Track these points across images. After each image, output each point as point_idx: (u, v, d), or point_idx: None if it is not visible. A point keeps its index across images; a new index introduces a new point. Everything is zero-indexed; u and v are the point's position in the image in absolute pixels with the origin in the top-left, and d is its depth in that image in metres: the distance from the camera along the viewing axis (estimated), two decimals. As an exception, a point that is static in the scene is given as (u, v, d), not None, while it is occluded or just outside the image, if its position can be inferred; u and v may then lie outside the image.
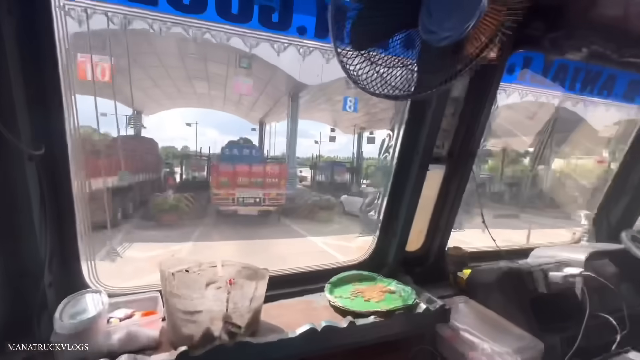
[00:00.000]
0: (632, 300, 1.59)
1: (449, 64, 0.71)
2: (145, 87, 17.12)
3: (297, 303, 1.32)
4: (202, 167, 19.88)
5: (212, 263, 1.20)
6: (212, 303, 0.91)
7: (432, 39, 0.69)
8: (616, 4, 1.30)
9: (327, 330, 1.07)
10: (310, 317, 1.21)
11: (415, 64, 0.78)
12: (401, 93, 0.78)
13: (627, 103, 1.89)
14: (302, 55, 1.07)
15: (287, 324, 1.14)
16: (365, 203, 1.97)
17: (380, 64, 0.75)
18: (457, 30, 0.66)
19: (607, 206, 2.09)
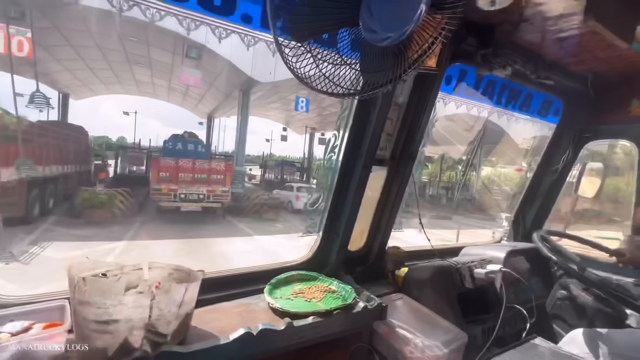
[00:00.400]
0: (539, 292, 1.82)
1: (391, 66, 0.73)
2: (75, 69, 15.23)
3: (235, 306, 1.26)
4: (141, 161, 18.39)
5: (136, 266, 1.09)
6: (131, 310, 0.81)
7: (373, 38, 0.70)
8: (534, 31, 1.46)
9: (264, 334, 1.03)
10: (248, 320, 1.16)
11: (358, 62, 0.78)
12: (342, 91, 0.78)
13: (541, 119, 2.16)
14: (246, 44, 1.01)
15: (222, 329, 1.08)
16: (310, 202, 1.96)
17: (321, 59, 0.74)
18: (397, 32, 0.67)
19: (523, 210, 2.36)
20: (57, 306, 0.98)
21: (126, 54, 13.32)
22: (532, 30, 1.45)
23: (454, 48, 1.45)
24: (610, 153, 3.56)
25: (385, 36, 0.68)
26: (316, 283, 1.46)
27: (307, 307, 1.24)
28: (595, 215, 11.88)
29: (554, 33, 1.46)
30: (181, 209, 11.54)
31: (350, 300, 1.29)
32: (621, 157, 2.23)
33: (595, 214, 11.95)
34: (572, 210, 2.53)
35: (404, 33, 0.67)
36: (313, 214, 1.60)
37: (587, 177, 2.09)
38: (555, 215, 2.50)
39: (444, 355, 1.22)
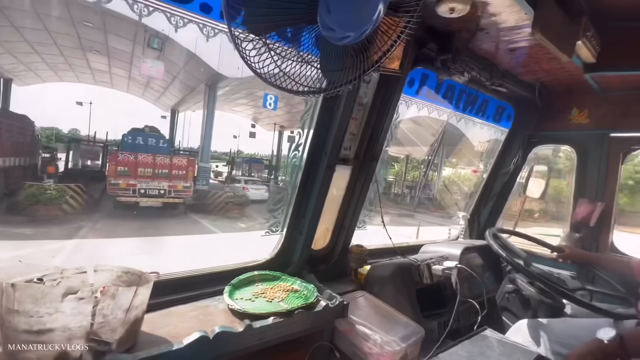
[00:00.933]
0: (491, 286, 1.94)
1: (351, 65, 0.73)
2: (19, 52, 13.82)
3: (191, 309, 1.20)
4: (96, 155, 17.15)
5: (80, 269, 1.00)
6: (70, 318, 0.74)
7: (332, 36, 0.70)
8: (490, 40, 1.55)
9: (221, 337, 0.99)
10: (205, 323, 1.11)
11: (317, 61, 0.77)
12: (302, 89, 0.77)
13: (495, 124, 2.30)
14: (205, 35, 0.96)
15: (176, 334, 1.02)
16: (273, 200, 1.95)
17: (279, 54, 0.72)
18: (356, 32, 0.67)
19: (478, 209, 2.51)
20: (-17, 316, 0.87)
21: (80, 39, 12.31)
22: (488, 39, 1.54)
23: (416, 52, 1.50)
24: (556, 157, 3.89)
25: (344, 35, 0.67)
26: (279, 283, 1.44)
27: (268, 307, 1.22)
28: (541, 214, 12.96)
29: (507, 43, 1.56)
30: (140, 204, 11.17)
31: (312, 299, 1.28)
32: (565, 160, 2.44)
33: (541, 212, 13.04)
34: (521, 209, 2.73)
35: (363, 33, 0.67)
36: (276, 212, 1.57)
37: (533, 178, 2.26)
38: (507, 213, 2.68)
39: (401, 349, 1.26)
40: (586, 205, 2.05)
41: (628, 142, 2.00)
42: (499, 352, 1.21)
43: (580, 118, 2.10)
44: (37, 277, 0.90)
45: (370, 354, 1.28)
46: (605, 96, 2.01)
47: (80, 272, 1.00)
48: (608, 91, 1.98)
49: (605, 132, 2.03)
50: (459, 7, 1.14)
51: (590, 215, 2.02)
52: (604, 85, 1.91)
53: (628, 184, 18.16)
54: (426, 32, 1.46)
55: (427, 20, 1.38)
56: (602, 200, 2.04)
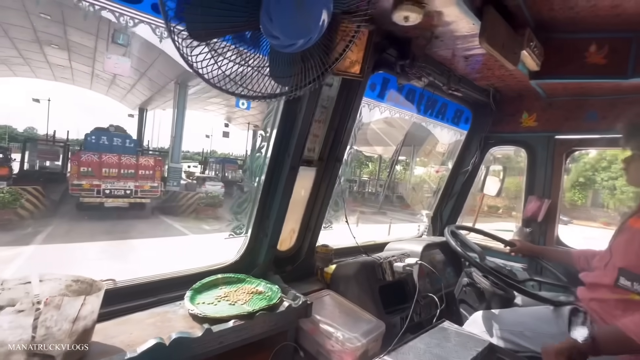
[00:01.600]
0: (451, 280, 2.04)
1: (300, 71, 0.75)
2: (-36, 44, 12.70)
3: (149, 316, 1.17)
4: (56, 155, 16.02)
5: (24, 279, 0.95)
6: (7, 333, 0.71)
7: (276, 44, 0.71)
8: (445, 47, 1.62)
9: (178, 343, 0.98)
10: (163, 330, 1.09)
11: (267, 66, 0.79)
12: (252, 94, 0.78)
13: (455, 126, 2.42)
14: (158, 36, 0.94)
15: (131, 342, 1.00)
16: (237, 202, 1.92)
17: (227, 59, 0.72)
18: (303, 39, 0.69)
19: (440, 207, 2.63)
20: None
21: (35, 32, 11.48)
22: (444, 46, 1.62)
23: (377, 57, 1.55)
24: (515, 156, 4.15)
25: (290, 43, 0.69)
26: (243, 285, 1.43)
27: (230, 310, 1.22)
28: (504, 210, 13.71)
29: (461, 51, 1.65)
30: (105, 205, 11.02)
31: (276, 300, 1.29)
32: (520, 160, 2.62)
33: (504, 208, 13.79)
34: (479, 206, 2.88)
35: (309, 40, 0.69)
36: (240, 214, 1.57)
37: (490, 177, 2.40)
38: (468, 211, 2.83)
39: (362, 345, 1.30)
40: (535, 202, 2.21)
41: (570, 143, 2.19)
42: (455, 342, 1.29)
43: (530, 121, 2.26)
44: (-28, 290, 0.85)
45: (332, 351, 1.31)
46: (550, 101, 2.18)
47: (24, 283, 0.95)
48: (552, 97, 2.14)
49: (551, 134, 2.20)
50: (413, 16, 1.19)
51: (539, 211, 2.19)
52: (548, 92, 2.07)
53: (580, 181, 19.75)
54: (385, 37, 1.51)
55: (385, 26, 1.44)
56: (549, 197, 2.21)
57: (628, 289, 1.19)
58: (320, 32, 0.69)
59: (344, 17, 0.84)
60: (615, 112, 1.97)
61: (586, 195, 20.45)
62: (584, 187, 19.97)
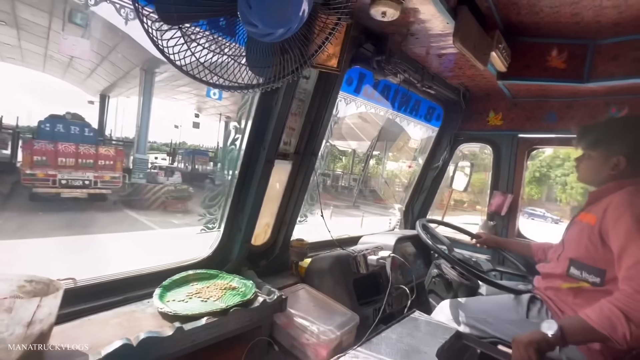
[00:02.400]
0: (421, 272, 2.12)
1: (279, 62, 0.72)
2: None
3: (114, 316, 1.11)
4: (4, 143, 14.70)
5: (-32, 280, 0.86)
6: (-51, 340, 0.64)
7: (255, 32, 0.68)
8: (420, 45, 1.65)
9: (147, 343, 0.93)
10: (130, 330, 1.03)
11: (242, 55, 0.76)
12: (227, 83, 0.74)
13: (427, 123, 2.49)
14: (124, 18, 0.87)
15: (95, 344, 0.94)
16: (209, 196, 1.85)
17: (200, 45, 0.68)
18: (282, 29, 0.67)
19: (411, 201, 2.71)
20: None
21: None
22: (419, 43, 1.65)
23: (354, 51, 1.55)
24: (480, 153, 4.35)
25: (268, 32, 0.67)
26: (215, 281, 1.40)
27: (202, 307, 1.18)
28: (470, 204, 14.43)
29: (436, 49, 1.69)
30: (62, 195, 10.58)
31: (250, 296, 1.27)
32: (485, 157, 2.76)
33: (470, 202, 14.52)
34: (448, 200, 3.01)
35: (289, 30, 0.67)
36: (212, 209, 1.52)
37: (458, 173, 2.51)
38: (438, 205, 2.94)
39: (336, 337, 1.32)
40: (499, 197, 2.35)
41: (531, 142, 2.33)
42: (425, 331, 1.34)
43: (496, 120, 2.38)
44: None
45: (307, 344, 1.32)
46: (515, 101, 2.30)
47: (-31, 284, 0.86)
48: (517, 97, 2.27)
49: (515, 133, 2.34)
50: (390, 12, 1.19)
51: (502, 206, 2.32)
52: (513, 92, 2.18)
53: (535, 176, 21.29)
54: (362, 32, 1.51)
55: (363, 21, 1.43)
56: (512, 192, 2.35)
57: (578, 278, 1.30)
58: (300, 22, 0.68)
59: (324, 9, 0.83)
60: (571, 114, 2.13)
61: (541, 190, 22.08)
62: (539, 183, 21.53)
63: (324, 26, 0.80)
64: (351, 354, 1.13)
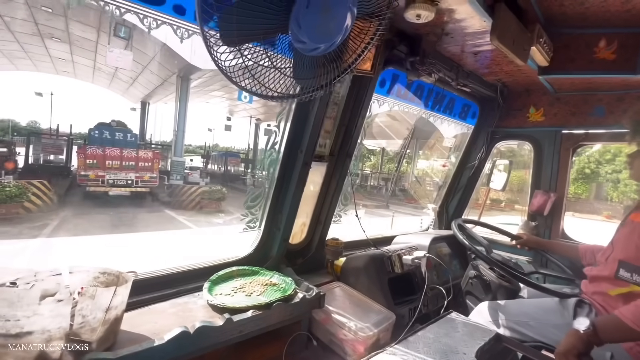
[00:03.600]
0: (457, 273, 2.08)
1: (322, 73, 0.77)
2: (-34, 37, 12.68)
3: (171, 306, 1.22)
4: (60, 149, 16.24)
5: (54, 271, 1.00)
6: (48, 320, 0.76)
7: (303, 48, 0.74)
8: (455, 44, 1.64)
9: (202, 331, 1.03)
10: (185, 319, 1.14)
11: (289, 67, 0.81)
12: (276, 94, 0.80)
13: (462, 121, 2.44)
14: (179, 37, 0.97)
15: (157, 330, 1.05)
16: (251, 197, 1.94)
17: (254, 62, 0.75)
18: (325, 44, 0.72)
19: (446, 201, 2.66)
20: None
21: (37, 25, 11.44)
22: (453, 43, 1.63)
23: (387, 54, 1.57)
24: (519, 150, 4.16)
25: (314, 47, 0.72)
26: (257, 277, 1.48)
27: (247, 301, 1.26)
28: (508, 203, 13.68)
29: (471, 47, 1.66)
30: (110, 193, 12.21)
31: (290, 292, 1.34)
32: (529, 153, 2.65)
33: (508, 202, 13.76)
34: (485, 200, 2.91)
35: (333, 44, 0.71)
36: (254, 209, 1.61)
37: (496, 171, 2.43)
38: (474, 205, 2.86)
39: (374, 335, 1.35)
40: (541, 196, 2.24)
41: (576, 138, 2.20)
42: (462, 332, 1.33)
43: (537, 116, 2.27)
44: (9, 281, 0.90)
45: (345, 340, 1.36)
46: (557, 96, 2.19)
47: (55, 275, 1.00)
48: (560, 92, 2.16)
49: (557, 129, 2.22)
50: (425, 14, 1.21)
51: (544, 205, 2.22)
52: (556, 87, 2.08)
53: (584, 172, 19.69)
54: (396, 35, 1.53)
55: (396, 24, 1.45)
56: (555, 191, 2.24)
57: (628, 280, 1.23)
58: (344, 35, 0.72)
59: (365, 19, 0.87)
60: (622, 107, 1.99)
61: (589, 188, 20.41)
62: (587, 180, 19.91)
63: (364, 36, 0.84)
64: (389, 351, 1.16)
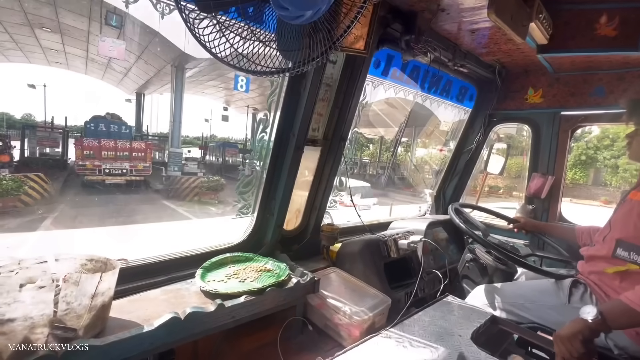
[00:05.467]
0: (454, 257, 2.08)
1: (308, 45, 0.73)
2: (-47, 29, 12.38)
3: (163, 293, 1.21)
4: (56, 142, 16.19)
5: (40, 258, 0.97)
6: (30, 307, 0.73)
7: (285, 15, 0.69)
8: (451, 21, 1.58)
9: (193, 317, 1.01)
10: (177, 306, 1.13)
11: (273, 40, 0.77)
12: (260, 69, 0.77)
13: (459, 104, 2.39)
14: (160, 12, 0.92)
15: (147, 317, 1.03)
16: (242, 183, 1.92)
17: (232, 32, 0.71)
18: (311, 10, 0.67)
19: (443, 186, 2.64)
20: None
21: (26, 14, 11.16)
22: (450, 20, 1.57)
23: (381, 32, 1.51)
24: (517, 136, 4.12)
25: (298, 14, 0.67)
26: (251, 263, 1.46)
27: (240, 287, 1.25)
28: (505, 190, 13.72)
29: (468, 24, 1.61)
30: (106, 182, 13.03)
31: (284, 277, 1.33)
32: (527, 138, 2.61)
33: (505, 188, 13.80)
34: (482, 184, 2.89)
35: (318, 12, 0.67)
36: (246, 195, 1.58)
37: (494, 155, 2.40)
38: (471, 192, 2.84)
39: (369, 318, 1.34)
40: (538, 179, 2.22)
41: (575, 119, 2.16)
42: (458, 315, 1.33)
43: (535, 98, 2.23)
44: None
45: (340, 324, 1.36)
46: (557, 76, 2.14)
47: (41, 262, 0.97)
48: (559, 72, 2.10)
49: (556, 110, 2.18)
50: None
51: (542, 188, 2.19)
52: (555, 66, 2.03)
53: (581, 159, 19.69)
54: (390, 11, 1.47)
55: (390, 0, 1.40)
56: (553, 174, 2.21)
57: (625, 259, 1.21)
58: (329, 3, 0.68)
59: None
60: (622, 87, 1.94)
61: (588, 174, 20.45)
62: (585, 166, 19.94)
63: (349, 7, 0.80)
64: (384, 334, 1.15)
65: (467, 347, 1.10)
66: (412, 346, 1.09)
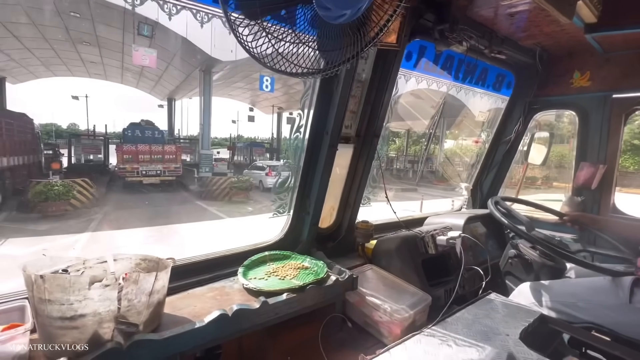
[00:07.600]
0: (495, 253, 1.99)
1: (349, 44, 0.73)
2: (9, 49, 13.57)
3: (208, 291, 1.27)
4: (98, 149, 17.62)
5: (100, 258, 1.05)
6: (98, 304, 0.80)
7: (328, 15, 0.69)
8: (488, 6, 1.50)
9: (239, 314, 1.05)
10: (223, 303, 1.17)
11: (314, 41, 0.77)
12: (301, 70, 0.77)
13: (495, 92, 2.28)
14: (199, 21, 0.95)
15: (197, 313, 1.09)
16: (278, 182, 1.96)
17: (277, 37, 0.72)
18: (352, 9, 0.67)
19: (480, 179, 2.53)
20: (16, 307, 0.94)
21: (68, 31, 12.02)
22: (486, 5, 1.50)
23: (413, 24, 1.47)
24: (558, 122, 3.85)
25: (340, 13, 0.67)
26: (289, 261, 1.49)
27: (281, 284, 1.28)
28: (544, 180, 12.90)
29: (506, 8, 1.52)
30: (143, 182, 14.50)
31: (323, 275, 1.34)
32: (568, 125, 2.44)
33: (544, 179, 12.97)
34: (522, 176, 2.74)
35: (359, 10, 0.66)
36: (282, 194, 1.61)
37: (535, 145, 2.26)
38: (510, 182, 2.70)
39: (409, 316, 1.32)
40: (587, 169, 2.06)
41: (630, 102, 1.98)
42: (504, 313, 1.27)
43: (582, 81, 2.06)
44: (62, 269, 0.96)
45: (380, 322, 1.35)
46: (607, 57, 1.97)
47: (101, 262, 1.05)
48: (610, 52, 1.93)
49: (607, 94, 2.01)
50: (455, -26, 1.11)
51: (592, 178, 2.04)
52: (605, 46, 1.87)
53: (633, 144, 17.99)
54: (422, 2, 1.43)
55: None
56: (604, 163, 2.05)
57: None
58: (369, 2, 0.67)
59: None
60: (685, 63, 1.76)
61: (638, 160, 18.73)
62: (637, 152, 18.25)
63: (388, 3, 0.78)
64: (427, 333, 1.13)
65: (516, 347, 1.05)
66: (457, 345, 1.06)
